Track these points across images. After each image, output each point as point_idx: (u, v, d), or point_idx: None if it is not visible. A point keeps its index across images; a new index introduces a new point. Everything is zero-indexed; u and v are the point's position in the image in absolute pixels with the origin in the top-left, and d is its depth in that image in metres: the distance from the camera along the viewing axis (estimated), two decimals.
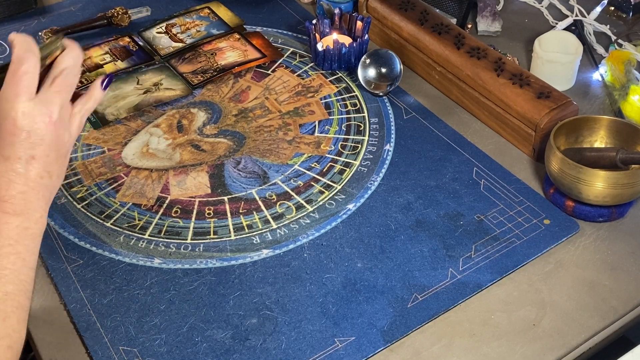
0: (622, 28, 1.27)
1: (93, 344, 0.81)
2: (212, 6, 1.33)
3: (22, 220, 0.65)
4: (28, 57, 0.64)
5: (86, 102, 0.72)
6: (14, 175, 0.64)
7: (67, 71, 0.68)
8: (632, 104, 1.07)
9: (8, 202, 0.64)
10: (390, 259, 0.89)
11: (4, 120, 0.64)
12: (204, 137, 1.07)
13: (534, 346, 0.80)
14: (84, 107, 0.71)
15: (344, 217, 0.95)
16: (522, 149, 1.05)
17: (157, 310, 0.84)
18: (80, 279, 0.88)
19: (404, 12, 1.19)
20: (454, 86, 1.12)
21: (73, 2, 1.37)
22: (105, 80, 0.73)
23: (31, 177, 0.65)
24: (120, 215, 0.96)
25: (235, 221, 0.95)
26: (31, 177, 0.65)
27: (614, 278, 0.87)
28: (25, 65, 0.64)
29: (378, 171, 1.01)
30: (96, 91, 0.73)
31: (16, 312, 0.64)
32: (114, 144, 1.06)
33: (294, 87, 1.16)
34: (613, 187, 0.89)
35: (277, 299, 0.85)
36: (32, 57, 0.64)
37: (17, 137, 0.64)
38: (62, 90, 0.67)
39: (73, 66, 0.68)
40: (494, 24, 1.27)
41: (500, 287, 0.87)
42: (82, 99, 0.71)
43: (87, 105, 0.71)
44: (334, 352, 0.80)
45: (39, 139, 0.65)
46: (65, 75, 0.67)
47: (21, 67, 0.64)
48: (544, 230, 0.92)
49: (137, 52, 1.22)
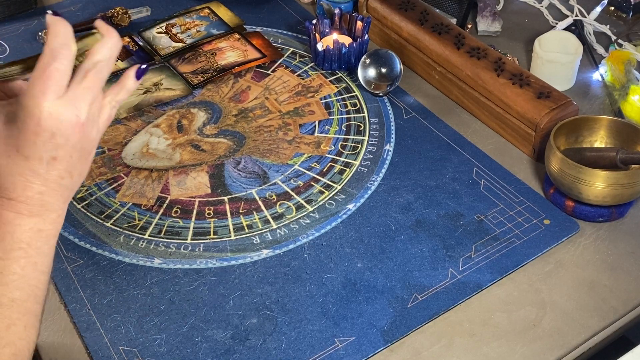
0: (622, 28, 1.27)
1: (93, 344, 0.81)
2: (212, 6, 1.33)
3: (36, 222, 0.61)
4: (63, 52, 0.57)
5: (117, 93, 0.64)
6: (33, 176, 0.60)
7: (101, 64, 0.60)
8: (632, 104, 1.07)
9: (23, 202, 0.60)
10: (390, 259, 0.89)
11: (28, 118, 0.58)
12: (204, 137, 1.07)
13: (534, 346, 0.80)
14: (114, 98, 0.64)
15: (344, 217, 0.95)
16: (522, 149, 1.05)
17: (157, 310, 0.84)
18: (80, 279, 0.88)
19: (404, 12, 1.19)
20: (454, 86, 1.12)
21: (73, 2, 1.37)
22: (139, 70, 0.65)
23: (51, 179, 0.60)
24: (120, 215, 0.96)
25: (235, 221, 0.95)
26: (51, 178, 0.60)
27: (614, 278, 0.87)
28: (58, 63, 0.57)
29: (378, 171, 1.01)
30: (129, 81, 0.65)
31: (23, 319, 0.61)
32: (114, 144, 1.06)
33: (294, 87, 1.16)
34: (613, 187, 0.89)
35: (277, 299, 0.85)
36: (67, 52, 0.58)
37: (40, 138, 0.58)
38: (94, 85, 0.60)
39: (109, 58, 0.61)
40: (494, 24, 1.27)
41: (500, 287, 0.87)
42: (114, 90, 0.64)
43: (118, 97, 0.64)
44: (334, 352, 0.80)
45: (64, 140, 0.59)
46: (100, 69, 0.60)
47: (53, 63, 0.57)
48: (544, 230, 0.92)
49: (137, 52, 1.22)
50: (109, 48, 0.61)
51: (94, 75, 0.60)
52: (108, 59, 0.61)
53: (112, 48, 0.61)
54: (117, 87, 0.64)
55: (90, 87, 0.60)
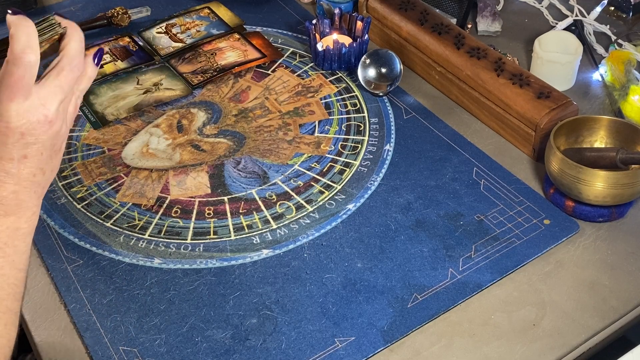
0: (622, 28, 1.27)
1: (93, 344, 0.81)
2: (212, 6, 1.33)
3: (12, 221, 0.62)
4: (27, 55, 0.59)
5: (80, 82, 0.65)
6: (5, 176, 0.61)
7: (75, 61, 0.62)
8: (632, 104, 1.07)
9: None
10: (390, 259, 0.89)
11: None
12: (204, 137, 1.07)
13: (534, 346, 0.80)
14: (78, 88, 0.65)
15: (344, 217, 0.95)
16: (522, 149, 1.05)
17: (157, 310, 0.84)
18: (80, 279, 0.88)
19: (404, 12, 1.19)
20: (454, 86, 1.12)
21: (73, 2, 1.37)
22: (96, 55, 0.66)
23: (23, 177, 0.62)
24: (120, 215, 0.96)
25: (235, 221, 0.95)
26: (23, 176, 0.62)
27: (614, 278, 0.87)
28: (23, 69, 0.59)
29: (378, 171, 1.01)
30: (90, 68, 0.66)
31: (3, 317, 0.62)
32: (114, 144, 1.06)
33: (294, 87, 1.16)
34: (613, 187, 0.89)
35: (277, 299, 0.85)
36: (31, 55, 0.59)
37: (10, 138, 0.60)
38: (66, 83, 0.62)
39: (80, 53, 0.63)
40: (494, 24, 1.27)
41: (500, 287, 0.87)
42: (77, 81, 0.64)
43: (81, 86, 0.65)
44: (334, 352, 0.80)
45: (33, 139, 0.61)
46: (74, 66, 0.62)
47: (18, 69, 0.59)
48: (544, 230, 0.92)
49: (137, 52, 1.22)
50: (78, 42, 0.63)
51: (68, 73, 0.62)
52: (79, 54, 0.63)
53: (80, 42, 0.63)
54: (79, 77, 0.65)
55: (61, 86, 0.61)
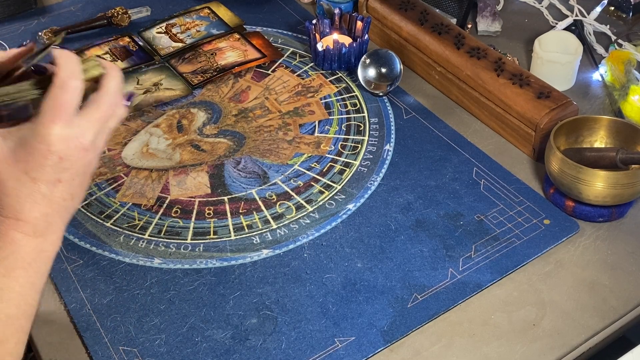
0: (622, 28, 1.27)
1: (93, 344, 0.81)
2: (212, 6, 1.33)
3: (39, 242, 0.64)
4: (73, 83, 0.62)
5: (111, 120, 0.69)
6: (39, 197, 0.63)
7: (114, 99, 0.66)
8: (632, 104, 1.07)
9: (29, 223, 0.64)
10: (390, 259, 0.89)
11: (38, 143, 0.62)
12: (204, 137, 1.07)
13: (534, 346, 0.80)
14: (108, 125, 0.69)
15: (344, 217, 0.95)
16: (522, 149, 1.05)
17: (157, 310, 0.84)
18: (80, 279, 0.88)
19: (404, 12, 1.19)
20: (454, 86, 1.12)
21: (73, 2, 1.37)
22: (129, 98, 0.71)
23: (55, 200, 0.64)
24: (120, 215, 0.96)
25: (235, 221, 0.95)
26: (55, 199, 0.64)
27: (614, 278, 0.87)
28: (68, 95, 0.62)
29: (378, 171, 1.01)
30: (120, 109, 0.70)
31: (16, 335, 0.63)
32: (114, 144, 1.06)
33: (294, 87, 1.16)
34: (613, 187, 0.89)
35: (277, 299, 0.85)
36: (77, 83, 0.63)
37: (49, 161, 0.62)
38: (104, 117, 0.66)
39: (119, 92, 0.67)
40: (494, 24, 1.27)
41: (500, 287, 0.87)
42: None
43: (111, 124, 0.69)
44: (334, 352, 0.80)
45: (69, 164, 0.64)
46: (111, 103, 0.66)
47: (64, 95, 0.62)
48: (544, 230, 0.92)
49: (137, 52, 1.22)
50: (119, 81, 0.67)
51: (107, 108, 0.66)
52: (119, 92, 0.67)
53: (122, 81, 0.67)
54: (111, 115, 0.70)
55: (99, 119, 0.65)
